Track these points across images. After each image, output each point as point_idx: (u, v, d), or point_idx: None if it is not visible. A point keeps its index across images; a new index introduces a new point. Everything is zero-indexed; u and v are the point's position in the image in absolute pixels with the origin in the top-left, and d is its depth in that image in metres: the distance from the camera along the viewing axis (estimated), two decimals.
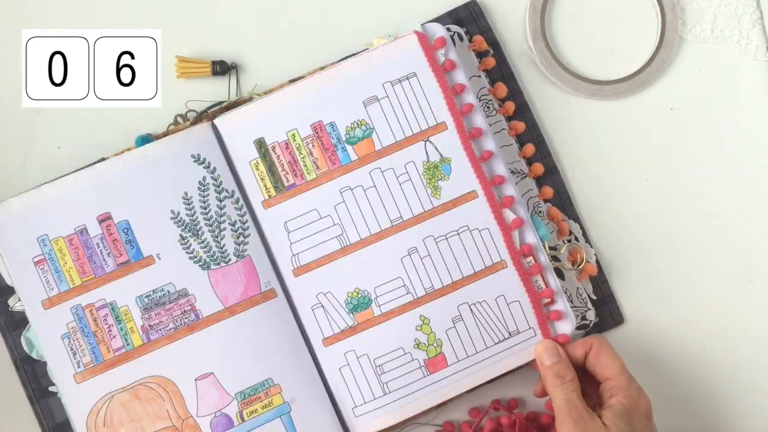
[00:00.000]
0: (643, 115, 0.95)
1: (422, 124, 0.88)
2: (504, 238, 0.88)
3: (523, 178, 0.93)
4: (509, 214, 0.88)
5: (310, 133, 0.88)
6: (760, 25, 0.95)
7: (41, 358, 0.87)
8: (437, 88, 0.88)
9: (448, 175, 0.88)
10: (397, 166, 0.88)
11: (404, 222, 0.88)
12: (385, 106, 0.88)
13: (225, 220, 0.88)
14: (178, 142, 0.88)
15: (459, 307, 0.88)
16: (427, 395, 0.88)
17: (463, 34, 0.92)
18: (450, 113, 0.88)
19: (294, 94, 0.89)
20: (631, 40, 0.96)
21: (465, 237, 0.88)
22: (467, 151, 0.88)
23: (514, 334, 0.88)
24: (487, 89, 0.93)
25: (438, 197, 0.88)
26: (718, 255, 0.95)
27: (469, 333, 0.88)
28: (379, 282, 0.88)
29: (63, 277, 0.86)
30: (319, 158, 0.88)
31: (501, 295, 0.88)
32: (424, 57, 0.88)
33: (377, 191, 0.88)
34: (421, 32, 0.88)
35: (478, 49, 0.93)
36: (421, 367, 0.88)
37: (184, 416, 0.86)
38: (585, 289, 0.93)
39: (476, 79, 0.92)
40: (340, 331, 0.88)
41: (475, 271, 0.88)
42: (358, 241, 0.88)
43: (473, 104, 0.88)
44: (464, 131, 0.88)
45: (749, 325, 0.95)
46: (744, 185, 0.95)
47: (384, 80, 0.88)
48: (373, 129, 0.88)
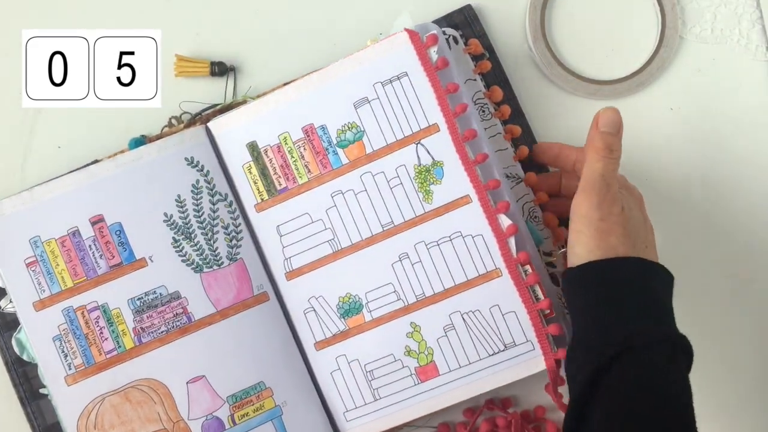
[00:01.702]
0: (643, 115, 0.95)
1: (414, 126, 0.85)
2: (499, 245, 0.84)
3: (518, 182, 0.90)
4: (504, 220, 0.84)
5: (302, 136, 0.87)
6: (760, 25, 0.94)
7: (32, 360, 0.88)
8: (429, 87, 0.84)
9: (441, 179, 0.85)
10: (388, 169, 0.86)
11: (395, 227, 0.86)
12: (375, 108, 0.86)
13: (218, 223, 0.88)
14: (171, 145, 0.88)
15: (451, 315, 0.86)
16: (418, 404, 0.87)
17: (458, 37, 0.90)
18: (442, 114, 0.84)
19: (285, 96, 0.87)
20: (631, 40, 0.95)
21: (458, 243, 0.85)
22: (460, 153, 0.84)
23: (510, 347, 0.85)
24: (483, 93, 0.91)
25: (430, 202, 0.85)
26: (718, 255, 0.94)
27: (462, 343, 0.86)
28: (370, 287, 0.87)
29: (55, 279, 0.86)
30: (310, 162, 0.87)
31: (495, 304, 0.85)
32: (415, 55, 0.84)
33: (368, 195, 0.86)
34: (412, 30, 0.85)
35: (474, 52, 0.91)
36: (411, 375, 0.86)
37: (175, 419, 0.86)
38: None
39: (472, 82, 0.90)
40: (331, 336, 0.87)
41: (468, 278, 0.85)
42: (349, 245, 0.87)
43: (467, 105, 0.84)
44: (457, 133, 0.84)
45: (749, 325, 0.94)
46: (744, 185, 0.94)
47: (374, 81, 0.85)
48: (364, 132, 0.86)
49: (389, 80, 0.85)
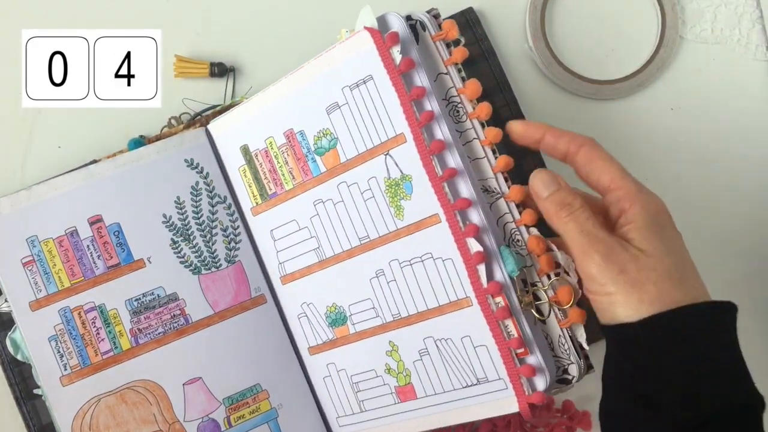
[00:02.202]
0: (643, 115, 0.94)
1: (382, 135, 0.77)
2: (468, 273, 0.75)
3: (498, 198, 0.76)
4: (474, 245, 0.74)
5: (284, 141, 0.83)
6: (760, 25, 0.94)
7: (26, 360, 0.87)
8: (394, 93, 0.75)
9: (410, 194, 0.76)
10: (361, 181, 0.79)
11: (371, 241, 0.80)
12: (346, 114, 0.78)
13: (217, 225, 0.87)
14: (171, 146, 0.88)
15: (425, 340, 0.79)
16: (400, 422, 0.83)
17: (427, 22, 0.77)
18: (408, 123, 0.75)
19: (268, 99, 0.84)
20: (631, 40, 0.95)
21: (429, 265, 0.77)
22: (427, 168, 0.75)
23: (483, 382, 0.77)
24: (457, 90, 0.77)
25: (401, 218, 0.78)
26: (718, 255, 0.94)
27: (436, 369, 0.79)
28: (353, 300, 0.83)
29: (52, 279, 0.86)
30: (293, 168, 0.83)
31: (467, 335, 0.77)
32: (378, 57, 0.75)
33: (345, 206, 0.81)
34: (372, 27, 0.75)
35: (447, 38, 0.77)
36: (392, 393, 0.83)
37: (171, 420, 0.85)
38: (570, 337, 0.76)
39: (443, 77, 0.77)
40: (322, 343, 0.86)
41: (439, 304, 0.78)
42: (332, 256, 0.83)
43: (434, 112, 0.74)
44: (423, 144, 0.74)
45: (750, 325, 0.92)
46: (744, 185, 0.94)
47: (343, 84, 0.78)
48: (337, 139, 0.79)
49: (356, 84, 0.77)
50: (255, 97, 0.85)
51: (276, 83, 0.83)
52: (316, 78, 0.80)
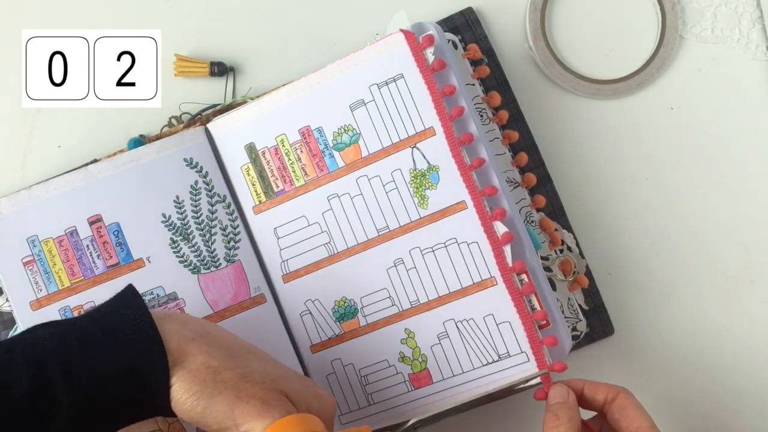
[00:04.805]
0: (643, 114, 0.94)
1: (409, 129, 0.83)
2: (494, 253, 0.81)
3: (516, 187, 0.89)
4: (500, 228, 0.81)
5: (299, 138, 0.86)
6: (760, 25, 0.94)
7: None
8: (425, 90, 0.82)
9: (436, 183, 0.83)
10: (384, 173, 0.84)
11: (391, 232, 0.84)
12: (371, 111, 0.84)
13: (216, 224, 0.87)
14: (171, 145, 0.88)
15: (445, 323, 0.84)
16: (410, 410, 0.85)
17: (458, 42, 0.90)
18: (438, 117, 0.82)
19: (282, 98, 0.86)
20: (631, 40, 0.95)
21: (453, 250, 0.83)
22: (456, 158, 0.82)
23: (504, 357, 0.82)
24: (481, 98, 0.89)
25: (425, 207, 0.83)
26: (718, 255, 0.94)
27: (456, 351, 0.84)
28: (365, 292, 0.85)
29: (52, 279, 0.86)
30: (307, 164, 0.86)
31: (490, 314, 0.82)
32: (411, 57, 0.82)
33: (364, 199, 0.85)
34: (408, 30, 0.83)
35: (473, 57, 0.90)
36: (405, 382, 0.85)
37: (170, 420, 0.85)
38: (576, 299, 0.89)
39: (470, 87, 0.88)
40: (327, 339, 0.87)
41: (462, 286, 0.83)
42: (345, 249, 0.86)
43: (464, 108, 0.82)
44: (453, 137, 0.82)
45: (749, 325, 0.93)
46: (744, 185, 0.94)
47: (371, 83, 0.84)
48: (360, 135, 0.84)
49: (385, 82, 0.83)
50: (265, 97, 0.87)
51: (291, 84, 0.86)
52: (339, 77, 0.85)
